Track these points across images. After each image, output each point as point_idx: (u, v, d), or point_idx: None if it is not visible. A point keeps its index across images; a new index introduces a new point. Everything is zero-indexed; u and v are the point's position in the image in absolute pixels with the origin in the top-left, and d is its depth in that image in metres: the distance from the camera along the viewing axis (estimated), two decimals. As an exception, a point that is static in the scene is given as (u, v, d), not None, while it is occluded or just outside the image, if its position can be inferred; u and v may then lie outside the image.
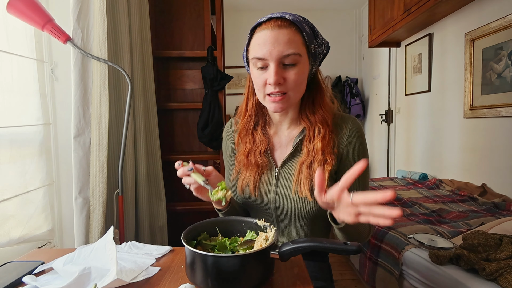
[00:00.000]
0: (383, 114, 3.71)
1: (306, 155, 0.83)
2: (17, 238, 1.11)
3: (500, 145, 2.04)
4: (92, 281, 0.62)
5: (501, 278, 1.03)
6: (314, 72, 0.85)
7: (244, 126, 0.90)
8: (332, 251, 0.62)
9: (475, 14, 2.20)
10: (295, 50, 0.74)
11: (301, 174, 0.82)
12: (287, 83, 0.76)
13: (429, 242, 1.36)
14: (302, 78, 0.77)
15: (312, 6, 4.42)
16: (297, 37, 0.75)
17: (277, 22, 0.74)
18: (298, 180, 0.82)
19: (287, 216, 0.86)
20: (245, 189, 0.89)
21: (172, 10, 2.03)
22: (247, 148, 0.89)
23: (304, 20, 0.78)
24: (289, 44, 0.73)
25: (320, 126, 0.82)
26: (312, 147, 0.82)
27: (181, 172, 0.76)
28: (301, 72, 0.76)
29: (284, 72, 0.75)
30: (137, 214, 1.62)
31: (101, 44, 1.27)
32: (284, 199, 0.84)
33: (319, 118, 0.83)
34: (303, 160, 0.83)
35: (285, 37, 0.73)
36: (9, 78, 1.15)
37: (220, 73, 1.96)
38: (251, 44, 0.78)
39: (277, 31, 0.73)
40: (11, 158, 1.14)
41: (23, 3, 1.07)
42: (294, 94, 0.78)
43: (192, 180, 0.76)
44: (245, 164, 0.89)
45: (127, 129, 1.34)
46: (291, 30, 0.74)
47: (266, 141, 0.88)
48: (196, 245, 0.70)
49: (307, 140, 0.84)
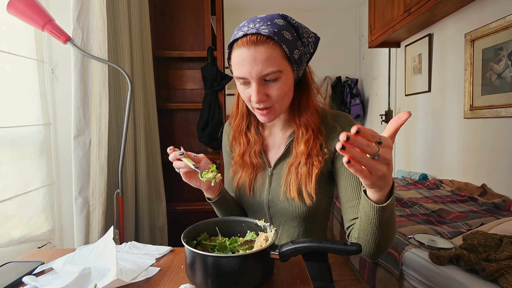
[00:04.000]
0: (383, 114, 3.72)
1: (294, 156, 0.84)
2: (17, 238, 1.11)
3: (500, 145, 2.04)
4: (92, 281, 0.62)
5: (501, 278, 1.03)
6: (302, 73, 0.83)
7: (237, 127, 0.91)
8: (332, 251, 0.62)
9: (475, 14, 2.20)
10: (274, 68, 0.71)
11: (289, 175, 0.83)
12: (271, 98, 0.76)
13: (429, 243, 1.36)
14: (286, 90, 0.76)
15: (312, 6, 4.42)
16: (275, 52, 0.71)
17: (252, 39, 0.70)
18: (286, 182, 0.83)
19: (279, 216, 0.87)
20: (241, 188, 0.90)
21: (172, 10, 2.03)
22: (242, 149, 0.90)
23: (284, 25, 0.73)
24: (267, 63, 0.71)
25: (303, 129, 0.83)
26: (299, 149, 0.83)
27: (172, 156, 0.77)
28: (283, 85, 0.75)
29: (267, 88, 0.75)
30: (137, 214, 1.62)
31: (101, 44, 1.27)
32: (276, 199, 0.86)
33: (303, 121, 0.83)
34: (292, 162, 0.84)
35: (263, 56, 0.70)
36: (9, 78, 1.15)
37: (220, 73, 1.96)
38: (231, 60, 0.77)
39: (253, 49, 0.70)
40: (11, 158, 1.14)
41: (23, 3, 1.07)
42: (280, 106, 0.78)
43: (182, 164, 0.77)
44: (240, 164, 0.90)
45: (127, 129, 1.34)
46: (269, 46, 0.71)
47: (260, 142, 0.90)
48: (196, 245, 0.70)
49: (295, 141, 0.85)
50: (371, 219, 0.63)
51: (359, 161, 0.49)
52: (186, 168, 0.77)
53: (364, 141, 0.47)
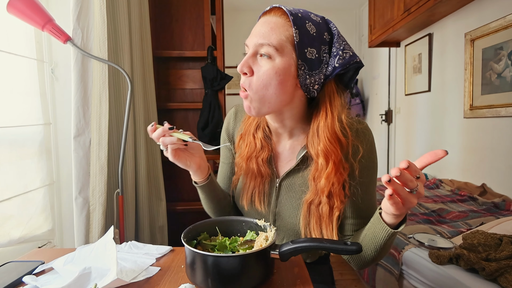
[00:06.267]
0: (383, 114, 3.72)
1: (314, 193, 0.73)
2: (17, 238, 1.11)
3: (500, 145, 2.04)
4: (92, 281, 0.62)
5: (501, 278, 1.03)
6: (316, 85, 0.70)
7: (248, 127, 0.84)
8: (332, 251, 0.62)
9: (475, 14, 2.20)
10: (271, 41, 0.64)
11: (310, 216, 0.74)
12: (252, 78, 0.67)
13: (429, 242, 1.36)
14: (272, 77, 0.66)
15: (312, 6, 4.41)
16: (283, 29, 0.65)
17: (272, 11, 0.68)
18: (307, 223, 0.74)
19: (285, 230, 0.81)
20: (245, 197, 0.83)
21: (172, 10, 2.03)
22: (247, 152, 0.81)
23: (315, 20, 0.67)
24: (269, 33, 0.65)
25: (323, 161, 0.70)
26: (318, 185, 0.72)
27: (160, 131, 0.69)
28: (273, 69, 0.65)
29: (255, 64, 0.68)
30: (137, 214, 1.62)
31: (101, 44, 1.27)
32: (285, 213, 0.80)
33: (323, 150, 0.70)
34: (310, 199, 0.73)
35: (269, 25, 0.66)
36: (9, 78, 1.15)
37: (220, 73, 1.96)
38: None
39: (267, 18, 0.68)
40: (11, 158, 1.14)
41: (23, 3, 1.07)
42: (255, 96, 0.68)
43: (174, 139, 0.69)
44: (245, 171, 0.81)
45: (127, 129, 1.34)
46: (280, 21, 0.66)
47: (269, 148, 0.81)
48: (196, 245, 0.70)
49: (314, 173, 0.73)
50: (378, 239, 0.65)
51: (399, 194, 0.51)
52: (176, 145, 0.70)
53: (409, 177, 0.49)
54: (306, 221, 0.75)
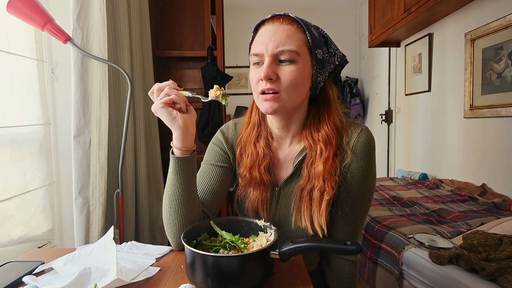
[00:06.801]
0: (383, 114, 3.71)
1: (306, 179, 0.76)
2: (17, 238, 1.11)
3: (500, 145, 2.04)
4: (92, 281, 0.62)
5: (501, 278, 1.03)
6: (322, 82, 0.77)
7: (247, 137, 0.84)
8: (332, 251, 0.62)
9: (475, 14, 2.20)
10: (292, 46, 0.69)
11: (301, 202, 0.76)
12: (280, 81, 0.70)
13: (429, 242, 1.36)
14: (299, 79, 0.70)
15: (312, 6, 4.41)
16: (298, 35, 0.71)
17: (279, 19, 0.72)
18: (298, 209, 0.76)
19: (284, 239, 0.79)
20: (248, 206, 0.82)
21: (172, 10, 2.03)
22: (249, 161, 0.81)
23: (314, 26, 0.76)
24: (287, 40, 0.69)
25: (322, 146, 0.74)
26: (313, 170, 0.75)
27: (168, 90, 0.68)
28: (298, 71, 0.70)
29: (279, 68, 0.70)
30: (137, 214, 1.62)
31: (101, 44, 1.27)
32: (284, 222, 0.80)
33: (323, 137, 0.75)
34: (303, 185, 0.76)
35: (284, 33, 0.70)
36: (9, 78, 1.15)
37: (220, 73, 1.96)
38: (253, 43, 0.75)
39: (278, 26, 0.71)
40: (11, 158, 1.14)
41: (23, 3, 1.07)
42: (288, 96, 0.71)
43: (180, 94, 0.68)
44: (249, 180, 0.81)
45: (127, 129, 1.34)
46: (293, 27, 0.71)
47: (270, 155, 0.81)
48: (196, 245, 0.70)
49: (308, 161, 0.76)
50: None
51: None
52: (182, 101, 0.69)
53: None
54: (297, 208, 0.77)
